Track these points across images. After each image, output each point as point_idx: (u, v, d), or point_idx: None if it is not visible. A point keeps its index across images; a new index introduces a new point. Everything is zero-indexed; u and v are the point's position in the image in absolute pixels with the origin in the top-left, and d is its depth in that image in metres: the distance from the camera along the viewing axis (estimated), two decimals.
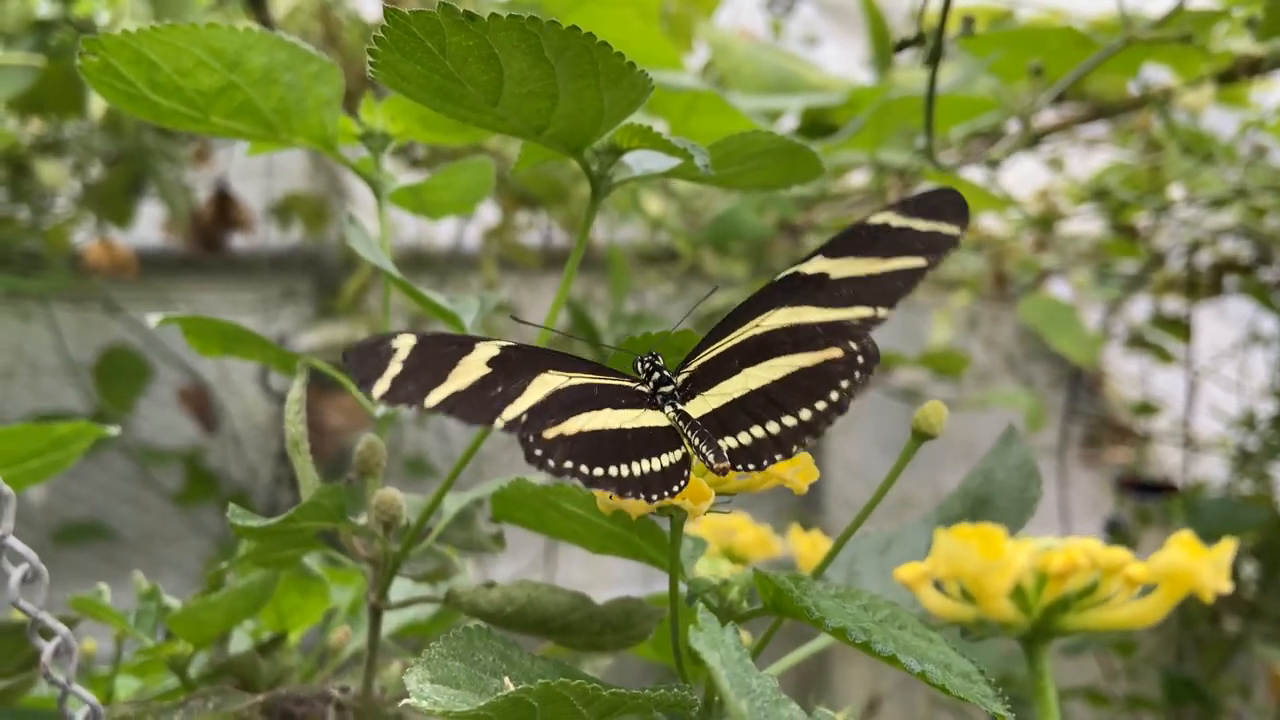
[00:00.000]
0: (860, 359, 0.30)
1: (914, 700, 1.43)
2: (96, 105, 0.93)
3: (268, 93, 0.36)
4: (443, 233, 1.40)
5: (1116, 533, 1.40)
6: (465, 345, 0.30)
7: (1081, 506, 1.48)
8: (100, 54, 0.33)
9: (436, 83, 0.31)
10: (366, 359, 0.28)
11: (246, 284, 1.42)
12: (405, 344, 0.29)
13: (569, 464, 0.28)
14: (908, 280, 0.31)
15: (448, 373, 0.28)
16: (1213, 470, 1.37)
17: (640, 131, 0.34)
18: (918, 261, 0.31)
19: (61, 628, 0.35)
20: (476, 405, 0.28)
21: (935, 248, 0.31)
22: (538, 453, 0.28)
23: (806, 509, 1.52)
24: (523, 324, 0.40)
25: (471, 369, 0.29)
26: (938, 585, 0.30)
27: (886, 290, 0.31)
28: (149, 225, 1.32)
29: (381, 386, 0.28)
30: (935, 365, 1.31)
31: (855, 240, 0.32)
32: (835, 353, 0.30)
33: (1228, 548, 0.26)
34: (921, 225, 0.31)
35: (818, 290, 0.32)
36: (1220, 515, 1.18)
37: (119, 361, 1.37)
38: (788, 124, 0.99)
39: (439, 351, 0.29)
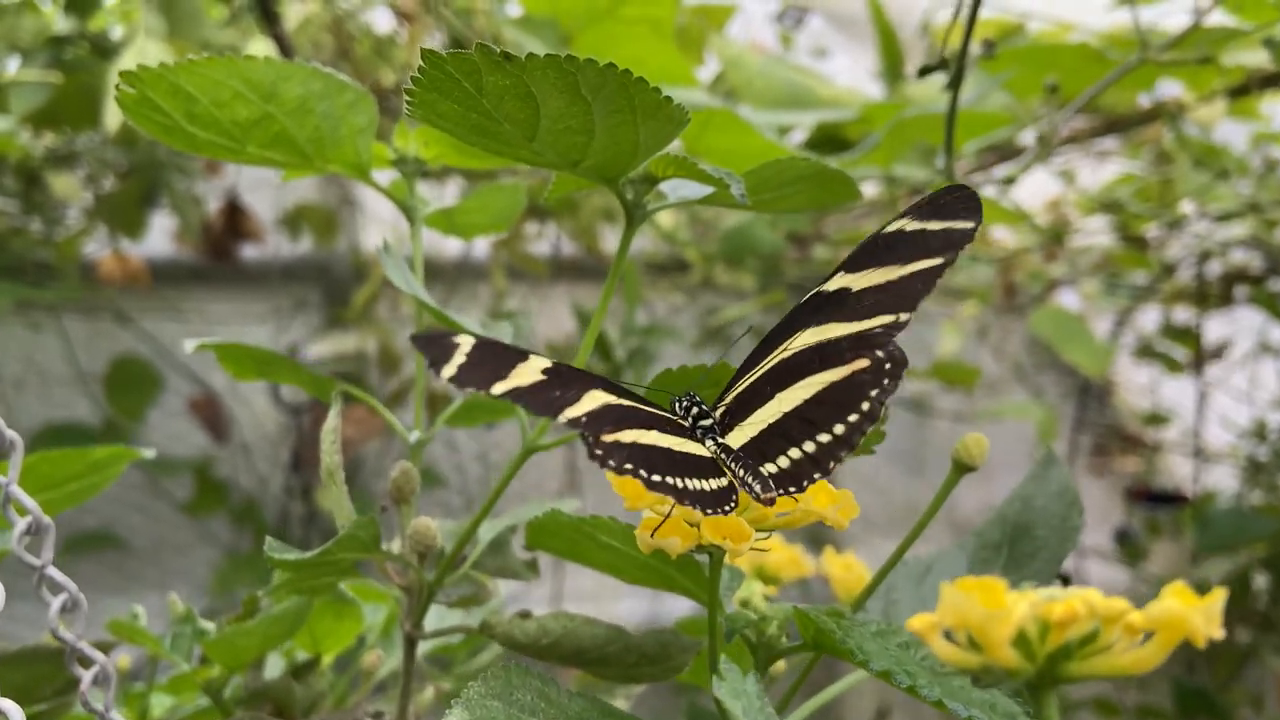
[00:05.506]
0: (887, 365, 0.30)
1: (922, 713, 1.43)
2: (111, 118, 0.93)
3: (303, 122, 0.36)
4: (451, 243, 1.40)
5: (1126, 543, 1.39)
6: (520, 354, 0.31)
7: (1092, 517, 1.48)
8: (138, 87, 0.34)
9: (473, 120, 0.31)
10: (434, 346, 0.29)
11: (258, 294, 1.42)
12: (466, 342, 0.30)
13: (629, 466, 0.28)
14: (926, 281, 0.31)
15: (508, 372, 0.29)
16: (1223, 480, 1.37)
17: (675, 161, 0.34)
18: (934, 261, 0.31)
19: (100, 656, 0.35)
20: (540, 400, 0.29)
21: (951, 245, 0.31)
22: (598, 452, 0.28)
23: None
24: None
25: (528, 373, 0.30)
26: (948, 635, 0.31)
27: (906, 294, 0.31)
28: (160, 236, 1.32)
29: (450, 370, 0.29)
30: (945, 376, 1.31)
31: (873, 251, 0.32)
32: (862, 363, 0.30)
33: (1218, 596, 0.27)
34: (936, 226, 0.31)
35: (841, 306, 0.32)
36: (1231, 526, 1.18)
37: (129, 371, 1.37)
38: (797, 138, 0.99)
39: (497, 353, 0.30)
